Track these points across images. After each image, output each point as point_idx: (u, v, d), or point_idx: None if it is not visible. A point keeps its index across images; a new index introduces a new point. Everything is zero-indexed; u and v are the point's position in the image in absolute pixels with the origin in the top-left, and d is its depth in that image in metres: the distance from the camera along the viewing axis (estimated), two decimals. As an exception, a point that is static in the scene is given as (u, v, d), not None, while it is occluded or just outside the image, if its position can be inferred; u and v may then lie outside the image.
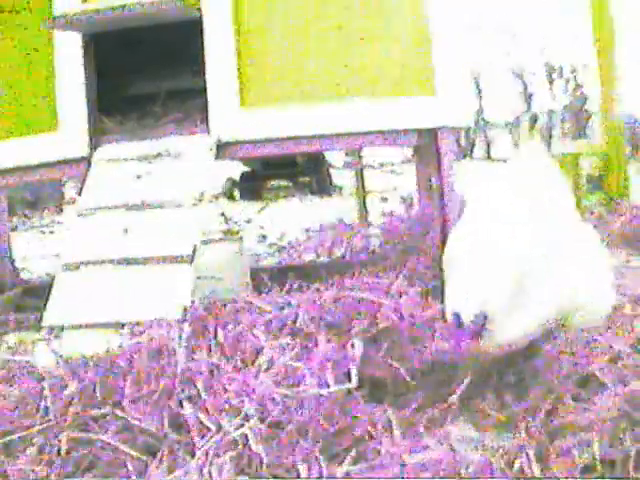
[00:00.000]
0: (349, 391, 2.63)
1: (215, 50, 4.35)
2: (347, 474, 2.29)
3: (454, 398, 2.55)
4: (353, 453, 2.39)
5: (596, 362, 2.58)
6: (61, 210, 11.57)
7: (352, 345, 2.79)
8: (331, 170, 12.96)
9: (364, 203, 7.42)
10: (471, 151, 17.59)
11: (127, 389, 2.63)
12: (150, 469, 2.36)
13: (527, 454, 2.19)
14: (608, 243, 4.74)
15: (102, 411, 2.59)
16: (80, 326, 3.42)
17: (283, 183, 13.07)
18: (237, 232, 4.78)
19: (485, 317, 2.44)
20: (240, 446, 2.37)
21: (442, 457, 2.25)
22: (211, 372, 2.70)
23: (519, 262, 2.53)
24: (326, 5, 4.41)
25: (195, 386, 2.61)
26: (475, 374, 2.60)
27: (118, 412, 2.56)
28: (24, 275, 5.40)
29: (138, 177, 4.12)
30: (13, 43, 4.52)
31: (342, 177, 12.32)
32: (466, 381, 2.56)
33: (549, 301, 2.52)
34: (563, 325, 2.63)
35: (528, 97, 17.31)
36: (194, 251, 3.67)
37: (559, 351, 2.62)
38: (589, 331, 2.76)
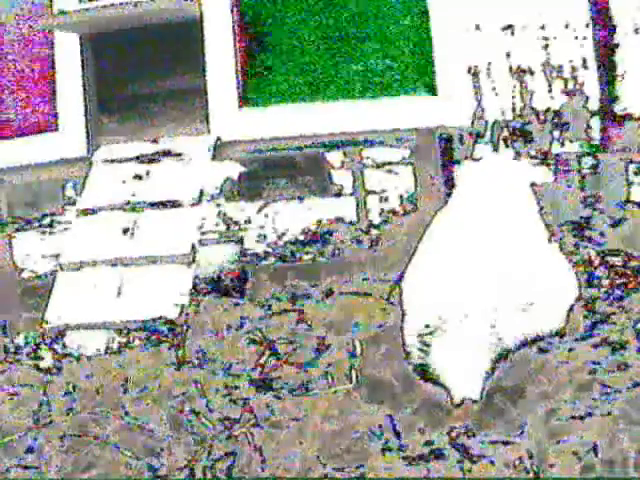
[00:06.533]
0: (349, 391, 2.63)
1: (215, 50, 4.35)
2: (345, 473, 2.29)
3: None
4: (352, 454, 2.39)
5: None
6: (61, 210, 11.57)
7: (352, 345, 2.79)
8: (331, 170, 12.97)
9: (364, 203, 7.42)
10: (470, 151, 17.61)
11: (127, 389, 2.63)
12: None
13: (528, 454, 2.19)
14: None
15: (102, 410, 2.59)
16: (80, 326, 3.42)
17: (282, 183, 13.07)
18: (236, 232, 4.77)
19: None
20: (240, 446, 2.37)
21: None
22: (210, 372, 2.70)
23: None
24: (327, 6, 4.41)
25: (195, 385, 2.61)
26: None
27: (118, 412, 2.56)
28: (24, 275, 5.39)
29: (137, 177, 4.12)
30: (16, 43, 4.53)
31: (342, 177, 12.31)
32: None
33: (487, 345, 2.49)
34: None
35: (528, 96, 17.36)
36: (193, 251, 3.68)
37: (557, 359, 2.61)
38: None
